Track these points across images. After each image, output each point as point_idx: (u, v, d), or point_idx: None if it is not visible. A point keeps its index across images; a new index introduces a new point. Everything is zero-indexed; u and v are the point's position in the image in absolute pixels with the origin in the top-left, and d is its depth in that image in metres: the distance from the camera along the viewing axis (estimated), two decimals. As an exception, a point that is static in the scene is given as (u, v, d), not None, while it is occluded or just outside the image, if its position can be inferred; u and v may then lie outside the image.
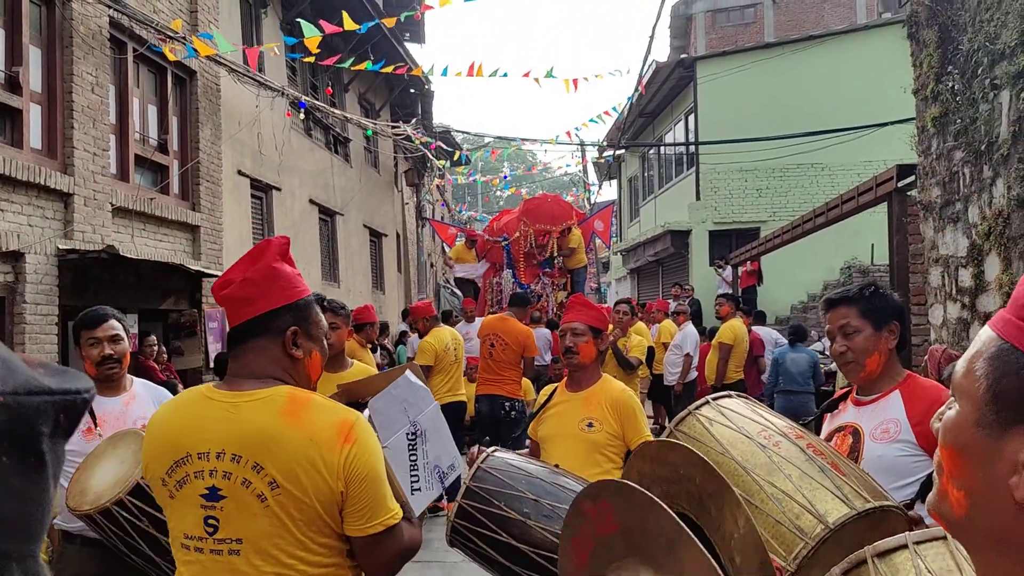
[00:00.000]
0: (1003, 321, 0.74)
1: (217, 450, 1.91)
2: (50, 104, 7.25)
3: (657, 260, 21.53)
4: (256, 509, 1.89)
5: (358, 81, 16.06)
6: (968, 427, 0.74)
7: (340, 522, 1.93)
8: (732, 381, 9.82)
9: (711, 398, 2.43)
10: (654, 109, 21.87)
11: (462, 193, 43.10)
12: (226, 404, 1.95)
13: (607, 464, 3.58)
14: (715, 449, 2.22)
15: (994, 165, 5.78)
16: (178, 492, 1.97)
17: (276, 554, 1.90)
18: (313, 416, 1.92)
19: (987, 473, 0.72)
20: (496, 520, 2.97)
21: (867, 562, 1.64)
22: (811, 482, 2.05)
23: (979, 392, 0.73)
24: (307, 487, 1.87)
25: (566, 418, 3.71)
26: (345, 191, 15.39)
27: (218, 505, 1.91)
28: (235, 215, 10.55)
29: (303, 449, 1.87)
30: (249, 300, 2.05)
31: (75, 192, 7.26)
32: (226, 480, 1.90)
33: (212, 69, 9.93)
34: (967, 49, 6.14)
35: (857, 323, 2.58)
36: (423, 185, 21.23)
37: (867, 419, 2.57)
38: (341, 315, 4.49)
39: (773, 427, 2.25)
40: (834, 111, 16.31)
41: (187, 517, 1.96)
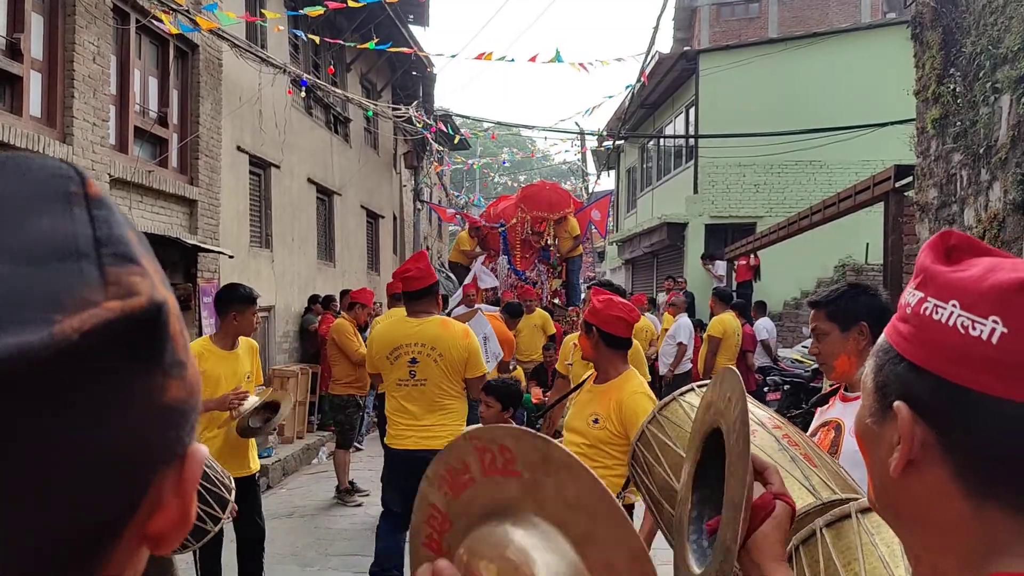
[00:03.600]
0: (889, 324, 0.86)
1: (413, 342, 4.66)
2: (51, 72, 7.23)
3: (652, 252, 21.56)
4: (432, 366, 4.63)
5: (360, 61, 16.01)
6: (864, 419, 0.85)
7: (464, 371, 4.68)
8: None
9: (696, 385, 2.48)
10: (655, 101, 21.84)
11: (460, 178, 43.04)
12: (414, 322, 4.73)
13: (608, 461, 3.60)
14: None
15: (992, 168, 5.81)
16: (395, 362, 4.67)
17: (441, 385, 4.65)
18: (452, 327, 4.83)
19: (876, 456, 0.83)
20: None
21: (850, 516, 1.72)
22: (780, 471, 2.12)
23: (868, 386, 0.85)
24: (454, 356, 4.65)
25: (581, 410, 3.79)
26: (344, 171, 15.37)
27: (416, 366, 4.63)
28: (233, 191, 10.54)
29: (451, 340, 4.67)
30: (421, 279, 4.79)
31: (73, 162, 7.24)
32: (419, 354, 4.64)
33: (214, 43, 9.90)
34: (970, 52, 6.16)
35: (825, 326, 2.68)
36: (422, 168, 21.20)
37: (850, 415, 2.63)
38: None
39: (752, 416, 2.29)
40: (834, 109, 16.33)
41: (400, 371, 4.65)
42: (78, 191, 0.48)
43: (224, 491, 3.49)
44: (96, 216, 0.48)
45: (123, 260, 0.47)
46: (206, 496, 3.37)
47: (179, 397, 0.50)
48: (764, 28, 26.76)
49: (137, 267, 0.48)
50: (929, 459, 0.77)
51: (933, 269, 0.81)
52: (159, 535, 0.51)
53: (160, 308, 0.48)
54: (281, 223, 12.23)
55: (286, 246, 12.39)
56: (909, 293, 0.83)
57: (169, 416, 0.49)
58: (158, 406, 0.48)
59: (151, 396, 0.48)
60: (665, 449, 2.34)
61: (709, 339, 10.11)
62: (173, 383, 0.49)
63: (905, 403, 0.78)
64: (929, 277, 0.81)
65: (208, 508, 3.38)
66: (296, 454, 9.49)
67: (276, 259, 11.95)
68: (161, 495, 0.50)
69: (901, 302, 0.84)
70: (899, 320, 0.83)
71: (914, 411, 0.78)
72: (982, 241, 0.84)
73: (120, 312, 0.45)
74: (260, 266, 11.38)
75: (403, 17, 15.56)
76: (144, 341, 0.47)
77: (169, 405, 0.49)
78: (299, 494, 8.33)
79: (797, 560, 1.79)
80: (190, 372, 0.52)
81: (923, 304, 0.80)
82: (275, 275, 11.61)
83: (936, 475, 0.77)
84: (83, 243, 0.46)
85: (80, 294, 0.44)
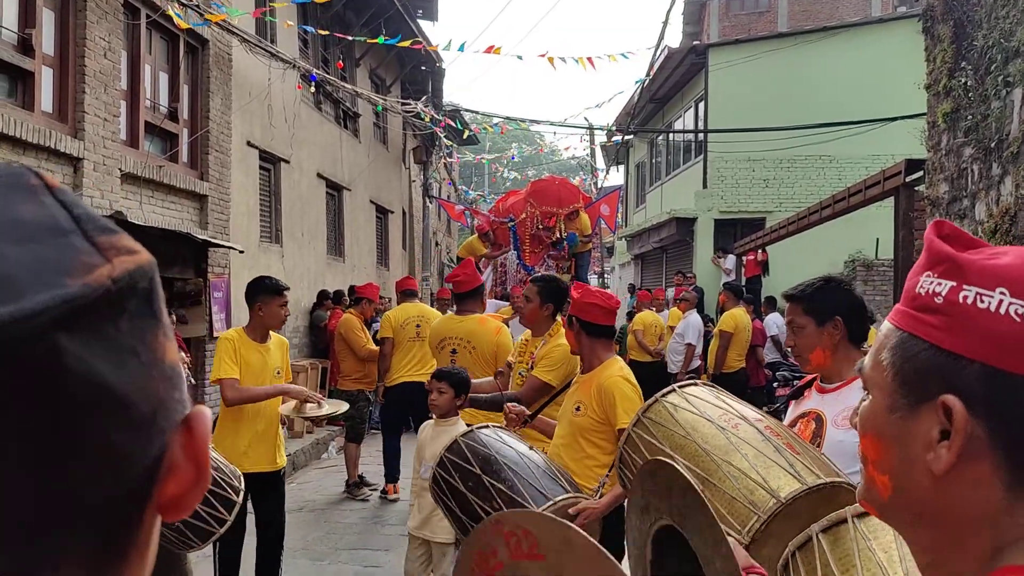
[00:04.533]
0: (899, 313, 0.83)
1: (455, 336, 5.55)
2: (62, 68, 7.26)
3: (662, 247, 21.52)
4: (468, 356, 5.39)
5: (370, 57, 16.01)
6: (882, 414, 0.82)
7: (495, 364, 5.31)
8: (733, 370, 9.85)
9: (677, 386, 2.53)
10: (664, 95, 21.78)
11: (469, 173, 43.00)
12: (458, 319, 5.72)
13: (591, 449, 3.62)
14: (678, 433, 2.32)
15: (1003, 163, 5.78)
16: (441, 351, 5.53)
17: (474, 373, 4.90)
18: (487, 324, 5.71)
19: (904, 454, 0.80)
20: (483, 461, 3.21)
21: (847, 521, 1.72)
22: (766, 460, 2.15)
23: (887, 380, 0.82)
24: (484, 350, 5.48)
25: (568, 399, 3.82)
26: (353, 166, 15.39)
27: (455, 356, 5.40)
28: (243, 186, 10.57)
29: (484, 335, 5.54)
30: (467, 283, 5.80)
31: (85, 157, 7.28)
32: (458, 346, 5.49)
33: (224, 39, 9.92)
34: (981, 45, 6.12)
35: (801, 320, 2.74)
36: (431, 163, 21.20)
37: (830, 406, 2.69)
38: None
39: (734, 411, 2.36)
40: (844, 104, 16.24)
41: (444, 359, 5.39)
42: (38, 183, 0.50)
43: (232, 493, 3.49)
44: (64, 201, 0.50)
45: (106, 230, 0.49)
46: (211, 499, 3.37)
47: (175, 359, 0.52)
48: (774, 22, 26.63)
49: (122, 234, 0.50)
50: (975, 452, 0.75)
51: (962, 258, 0.79)
52: (174, 499, 0.52)
53: (155, 266, 0.51)
54: (291, 218, 12.26)
55: (296, 241, 12.42)
56: (931, 282, 0.80)
57: (172, 376, 0.51)
58: (163, 364, 0.51)
59: (157, 352, 0.50)
60: (652, 449, 2.36)
61: (721, 334, 10.05)
62: (169, 344, 0.52)
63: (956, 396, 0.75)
64: (959, 266, 0.79)
65: (213, 510, 3.39)
66: (306, 449, 9.52)
67: (286, 254, 11.98)
68: (174, 458, 0.51)
69: (919, 291, 0.81)
70: (920, 310, 0.80)
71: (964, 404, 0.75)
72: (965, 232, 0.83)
73: (135, 265, 0.48)
74: (270, 261, 11.41)
75: (412, 12, 15.56)
76: (148, 294, 0.50)
77: (171, 365, 0.51)
78: (309, 488, 8.37)
79: (794, 567, 1.77)
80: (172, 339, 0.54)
81: (960, 292, 0.77)
82: (285, 270, 11.64)
83: (980, 468, 0.75)
84: (64, 223, 0.48)
85: (82, 260, 0.46)
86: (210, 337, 9.40)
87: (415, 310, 7.89)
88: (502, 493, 3.08)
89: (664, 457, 2.29)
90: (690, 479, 1.53)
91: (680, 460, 2.24)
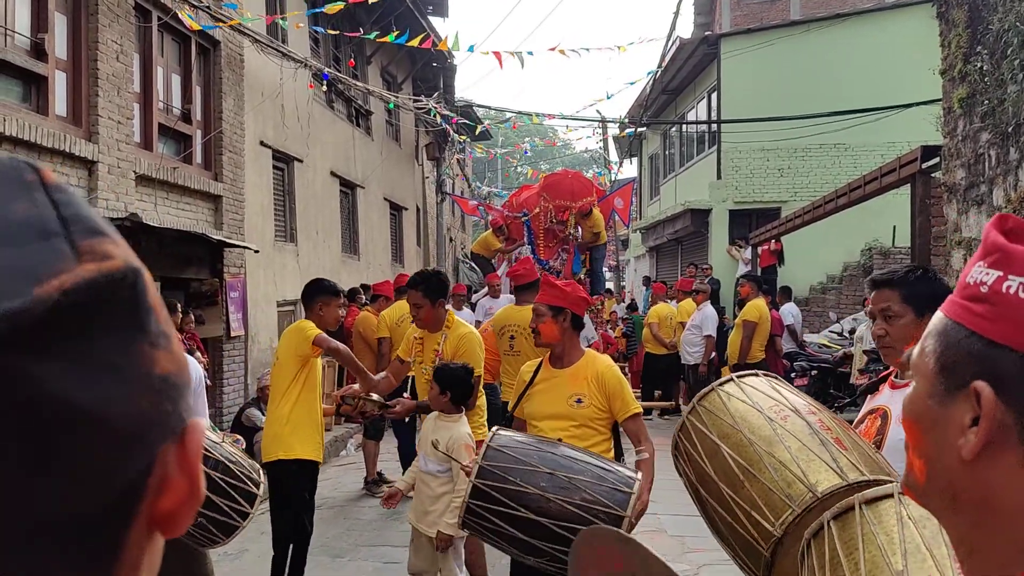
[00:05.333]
0: (950, 302, 0.85)
1: (513, 323, 6.15)
2: (75, 71, 7.30)
3: (676, 239, 21.44)
4: (524, 342, 5.96)
5: (381, 54, 16.02)
6: (923, 400, 0.83)
7: None
8: (756, 360, 9.80)
9: (736, 375, 2.50)
10: (677, 86, 21.69)
11: (482, 168, 43.02)
12: (518, 308, 6.27)
13: (596, 437, 3.70)
14: (727, 422, 2.32)
15: (1021, 147, 5.72)
16: (502, 337, 6.25)
17: (530, 356, 5.05)
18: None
19: (939, 439, 0.81)
20: (513, 496, 3.03)
21: (854, 508, 1.75)
22: (808, 453, 2.14)
23: (929, 367, 0.83)
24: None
25: (555, 395, 3.78)
26: (366, 164, 15.41)
27: (514, 341, 6.16)
28: (257, 185, 10.60)
29: None
30: (525, 276, 6.80)
31: (99, 160, 7.32)
32: (516, 333, 6.11)
33: (236, 39, 9.95)
34: (997, 29, 6.05)
35: (898, 308, 2.55)
36: (444, 159, 21.21)
37: (898, 402, 2.54)
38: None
39: (786, 403, 2.33)
40: (859, 91, 16.12)
41: (504, 345, 6.21)
42: (34, 179, 0.49)
43: (252, 486, 3.51)
44: (57, 199, 0.48)
45: (93, 233, 0.48)
46: (232, 493, 3.40)
47: (170, 369, 0.50)
48: (786, 10, 26.44)
49: (107, 238, 0.49)
50: (1005, 440, 0.76)
51: (1012, 248, 0.79)
52: (168, 515, 0.50)
53: (138, 273, 0.49)
54: (305, 217, 12.30)
55: (311, 240, 12.46)
56: (981, 272, 0.81)
57: (163, 388, 0.49)
58: (150, 376, 0.48)
59: (141, 365, 0.48)
60: (702, 437, 2.37)
61: (745, 324, 9.99)
62: (161, 354, 0.50)
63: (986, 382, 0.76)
64: (1008, 256, 0.79)
65: (236, 504, 3.41)
66: (325, 446, 9.55)
67: (301, 253, 12.02)
68: (166, 473, 0.50)
69: (968, 281, 0.82)
70: (968, 299, 0.81)
71: (995, 391, 0.76)
72: None
73: (98, 272, 0.46)
74: (285, 260, 11.45)
75: (422, 8, 15.55)
76: (125, 304, 0.48)
77: (162, 377, 0.49)
78: (328, 486, 8.39)
79: (808, 555, 1.80)
80: (176, 347, 0.52)
81: (1004, 283, 0.78)
82: (300, 269, 11.68)
83: (1011, 457, 0.76)
84: (51, 223, 0.47)
85: (56, 266, 0.45)
86: (227, 337, 9.44)
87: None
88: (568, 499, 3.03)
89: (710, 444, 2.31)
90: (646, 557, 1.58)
91: (724, 448, 2.26)
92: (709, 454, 2.33)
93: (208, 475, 3.27)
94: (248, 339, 9.92)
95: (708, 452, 2.34)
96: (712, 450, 2.32)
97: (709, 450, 2.34)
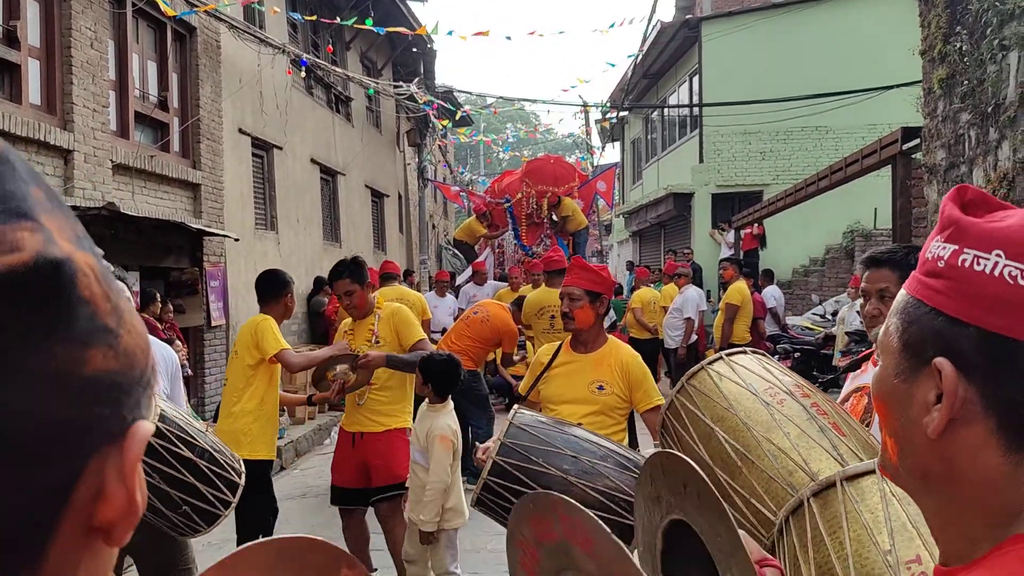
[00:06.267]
0: (911, 279, 0.84)
1: (550, 304, 7.05)
2: (49, 59, 7.19)
3: (659, 223, 21.47)
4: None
5: (359, 40, 15.89)
6: (889, 378, 0.83)
7: None
8: (741, 343, 9.84)
9: (725, 354, 2.46)
10: (658, 70, 21.66)
11: (464, 155, 42.87)
12: (552, 291, 6.85)
13: (613, 427, 3.63)
14: (721, 404, 2.27)
15: (1000, 127, 5.73)
16: (540, 317, 7.44)
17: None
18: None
19: (906, 417, 0.81)
20: (533, 476, 2.96)
21: (836, 485, 1.73)
22: (808, 441, 2.11)
23: (894, 344, 0.82)
24: None
25: (575, 379, 3.71)
26: (347, 151, 15.32)
27: (553, 320, 7.08)
28: (236, 173, 10.51)
29: None
30: (559, 262, 7.55)
31: (75, 149, 7.22)
32: (555, 313, 6.74)
33: (212, 25, 9.83)
34: (976, 9, 6.06)
35: (896, 290, 2.51)
36: (425, 146, 21.12)
37: None
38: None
39: (780, 385, 2.28)
40: (839, 73, 16.15)
41: (544, 324, 7.38)
42: None
43: (235, 475, 3.49)
44: None
45: (11, 216, 0.43)
46: (216, 481, 3.37)
47: (108, 368, 0.46)
48: (767, -7, 26.42)
49: (28, 223, 0.44)
50: (969, 416, 0.75)
51: (966, 221, 0.78)
52: (109, 525, 0.47)
53: (56, 266, 0.44)
54: (286, 205, 12.21)
55: (291, 228, 12.37)
56: (937, 247, 0.81)
57: (96, 390, 0.45)
58: (75, 378, 0.44)
59: (61, 366, 0.43)
60: (694, 419, 2.33)
61: (727, 306, 10.06)
62: (95, 353, 0.45)
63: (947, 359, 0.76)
64: (962, 229, 0.78)
65: (220, 493, 3.38)
66: (308, 435, 9.53)
67: (282, 241, 11.94)
68: (104, 480, 0.46)
69: (927, 256, 0.82)
70: (927, 275, 0.81)
71: (956, 367, 0.75)
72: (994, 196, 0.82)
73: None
74: (266, 248, 11.37)
75: (401, -7, 15.43)
76: (34, 300, 0.43)
77: (93, 377, 0.45)
78: (312, 474, 8.37)
79: (787, 532, 1.78)
80: (125, 341, 0.47)
81: (959, 256, 0.78)
82: (281, 257, 11.60)
83: (975, 432, 0.75)
84: None
85: None
86: (208, 326, 9.37)
87: (394, 293, 7.87)
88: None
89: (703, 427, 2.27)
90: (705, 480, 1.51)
91: (719, 432, 2.22)
92: (703, 437, 2.29)
93: (194, 463, 3.25)
94: (229, 328, 9.85)
95: (701, 435, 2.29)
96: (706, 434, 2.28)
97: (702, 433, 2.29)
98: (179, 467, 3.20)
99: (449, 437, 4.18)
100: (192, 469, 3.25)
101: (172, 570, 3.62)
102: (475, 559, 5.40)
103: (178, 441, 3.22)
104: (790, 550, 1.76)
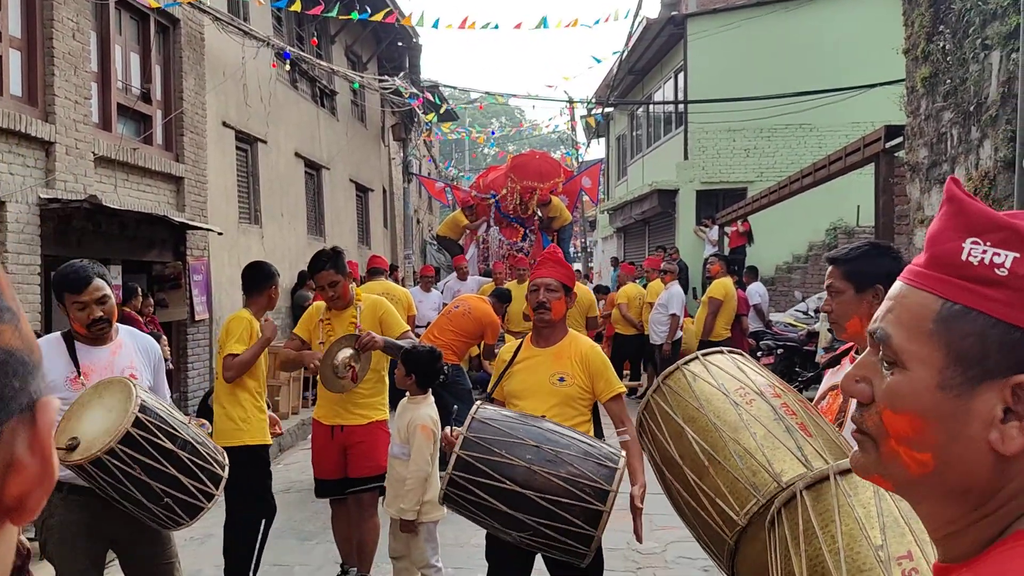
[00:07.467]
0: (939, 282, 0.77)
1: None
2: (30, 50, 7.12)
3: (644, 219, 21.52)
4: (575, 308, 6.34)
5: (345, 33, 15.83)
6: (930, 392, 0.76)
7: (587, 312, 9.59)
8: (721, 338, 9.88)
9: (701, 354, 2.48)
10: (644, 67, 21.70)
11: (449, 149, 42.78)
12: None
13: (578, 417, 3.67)
14: (692, 404, 2.31)
15: (982, 126, 5.78)
16: None
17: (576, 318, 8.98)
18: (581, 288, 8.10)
19: (956, 432, 0.75)
20: (498, 468, 3.01)
21: (829, 479, 1.75)
22: (774, 441, 2.14)
23: (936, 356, 0.76)
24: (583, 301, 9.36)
25: (536, 373, 3.74)
26: (331, 145, 15.26)
27: None
28: (220, 167, 10.44)
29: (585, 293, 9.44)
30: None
31: (57, 141, 7.16)
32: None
33: (196, 17, 9.76)
34: (959, 8, 6.10)
35: (840, 284, 2.57)
36: (410, 140, 21.07)
37: None
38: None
39: (751, 385, 2.31)
40: (824, 71, 16.24)
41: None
42: None
43: (218, 468, 3.47)
44: None
45: None
46: (199, 473, 3.35)
47: (17, 346, 0.47)
48: (752, -9, 26.49)
49: None
50: None
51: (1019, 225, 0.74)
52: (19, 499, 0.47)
53: None
54: (270, 199, 12.15)
55: (275, 222, 12.32)
56: (985, 251, 0.75)
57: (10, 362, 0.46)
58: None
59: None
60: (667, 419, 2.35)
61: (710, 301, 10.08)
62: (5, 328, 0.47)
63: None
64: (1018, 233, 0.74)
65: (202, 485, 3.36)
66: (292, 430, 9.49)
67: (266, 235, 11.88)
68: (12, 454, 0.46)
69: (971, 261, 0.76)
70: (977, 283, 0.75)
71: None
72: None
73: None
74: (250, 242, 11.32)
75: (387, -14, 15.36)
76: None
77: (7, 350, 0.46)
78: (295, 469, 8.34)
79: (779, 523, 1.79)
80: (24, 328, 0.49)
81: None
82: (265, 251, 11.55)
83: None
84: None
85: None
86: (191, 321, 9.32)
87: (380, 287, 7.86)
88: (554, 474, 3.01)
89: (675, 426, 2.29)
90: None
91: (689, 432, 2.24)
92: (674, 436, 2.32)
93: (176, 455, 3.23)
94: (212, 322, 9.80)
95: (673, 434, 2.32)
96: (677, 433, 2.31)
97: (674, 432, 2.32)
98: (161, 459, 3.18)
99: (430, 427, 4.22)
100: (174, 461, 3.23)
101: (155, 564, 3.60)
102: (459, 553, 5.40)
103: (160, 433, 3.20)
104: (781, 542, 1.78)
